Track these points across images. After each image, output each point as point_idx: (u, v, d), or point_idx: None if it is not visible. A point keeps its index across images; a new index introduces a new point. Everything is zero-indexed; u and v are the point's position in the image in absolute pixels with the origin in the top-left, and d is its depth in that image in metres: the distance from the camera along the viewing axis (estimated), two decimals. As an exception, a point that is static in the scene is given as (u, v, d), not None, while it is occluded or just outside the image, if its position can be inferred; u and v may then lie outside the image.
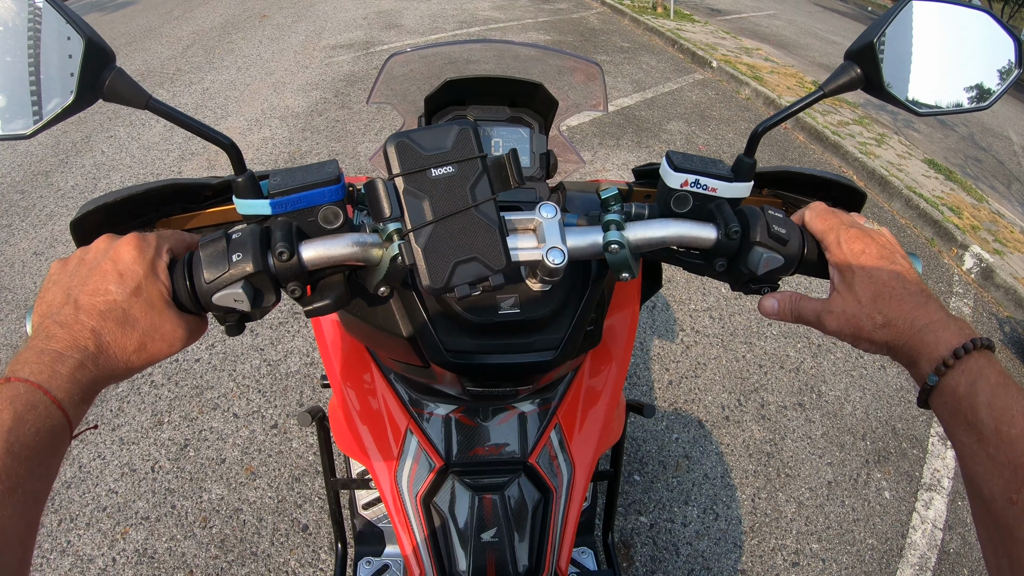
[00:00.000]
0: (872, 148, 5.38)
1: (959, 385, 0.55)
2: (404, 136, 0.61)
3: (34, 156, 4.48)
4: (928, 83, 0.74)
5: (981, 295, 3.88)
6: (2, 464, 0.42)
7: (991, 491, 0.50)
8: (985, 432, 0.51)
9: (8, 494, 0.42)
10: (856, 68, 0.72)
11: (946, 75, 0.75)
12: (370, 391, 1.08)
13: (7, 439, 0.43)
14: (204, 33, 7.66)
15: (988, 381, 0.53)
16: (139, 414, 2.48)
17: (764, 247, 0.70)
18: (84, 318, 0.54)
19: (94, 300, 0.55)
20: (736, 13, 11.77)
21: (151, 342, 0.57)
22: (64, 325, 0.53)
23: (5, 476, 0.42)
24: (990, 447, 0.51)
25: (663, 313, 3.26)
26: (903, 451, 2.69)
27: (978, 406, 0.52)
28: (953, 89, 0.76)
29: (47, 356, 0.50)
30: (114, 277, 0.57)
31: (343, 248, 0.63)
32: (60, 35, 0.57)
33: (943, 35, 0.74)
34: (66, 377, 0.50)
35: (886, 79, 0.71)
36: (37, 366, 0.49)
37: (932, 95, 0.75)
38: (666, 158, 0.74)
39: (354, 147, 4.67)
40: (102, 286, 0.56)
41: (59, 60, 0.57)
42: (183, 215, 0.84)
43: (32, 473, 0.44)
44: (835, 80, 0.72)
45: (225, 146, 0.64)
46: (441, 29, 8.17)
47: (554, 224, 0.70)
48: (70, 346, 0.51)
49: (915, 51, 0.73)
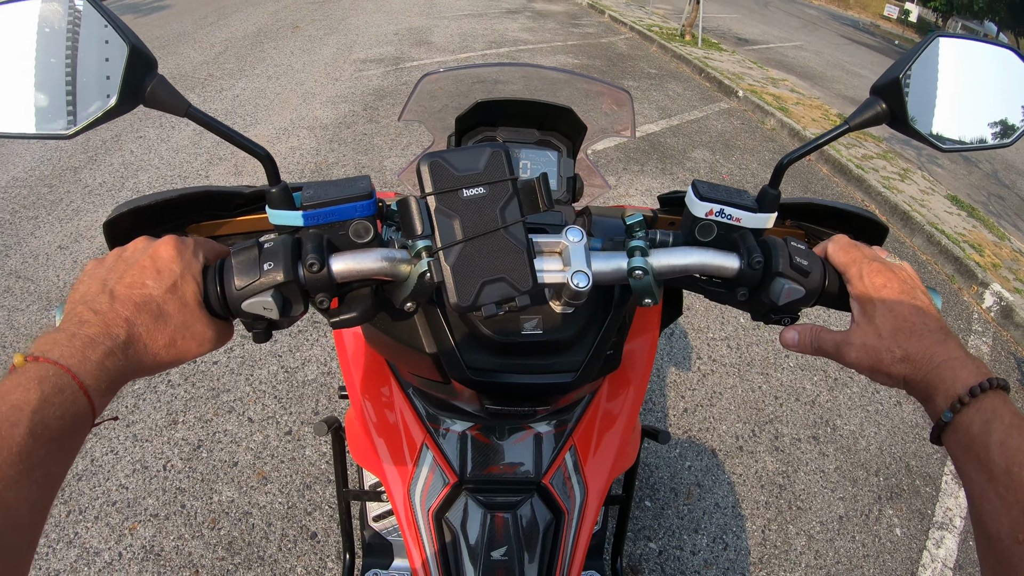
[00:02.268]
0: (895, 183, 5.36)
1: (973, 423, 0.55)
2: (438, 156, 0.62)
3: (64, 151, 4.57)
4: (952, 119, 0.75)
5: (1000, 334, 3.84)
6: (24, 444, 0.42)
7: (998, 529, 0.50)
8: (996, 471, 0.52)
9: (25, 474, 0.42)
10: (882, 103, 0.72)
11: (970, 111, 0.75)
12: (388, 404, 1.08)
13: (31, 419, 0.43)
14: (237, 40, 7.80)
15: (1002, 421, 0.54)
16: (154, 412, 2.50)
17: (786, 278, 0.70)
18: (119, 307, 0.54)
19: (130, 292, 0.56)
20: (764, 43, 11.82)
21: (181, 340, 0.58)
22: (98, 312, 0.53)
23: (25, 456, 0.42)
24: (999, 486, 0.51)
25: (681, 340, 3.25)
26: (916, 488, 2.65)
27: (990, 445, 0.53)
28: (977, 125, 0.76)
29: (78, 341, 0.50)
30: (152, 273, 0.58)
31: (372, 263, 0.64)
32: (103, 40, 0.58)
33: (969, 72, 0.75)
34: (95, 364, 0.50)
35: (911, 114, 0.72)
36: (68, 349, 0.49)
37: (956, 131, 0.75)
38: (692, 187, 0.75)
39: (380, 161, 4.72)
40: (139, 279, 0.57)
41: (101, 64, 0.58)
42: (213, 221, 0.86)
43: (51, 456, 0.44)
44: (861, 114, 0.73)
45: (260, 156, 0.65)
46: (470, 48, 8.26)
47: (580, 248, 0.70)
48: (102, 333, 0.52)
49: (940, 87, 0.74)
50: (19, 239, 3.57)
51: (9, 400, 0.43)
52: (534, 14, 11.43)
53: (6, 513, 0.39)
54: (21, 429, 0.42)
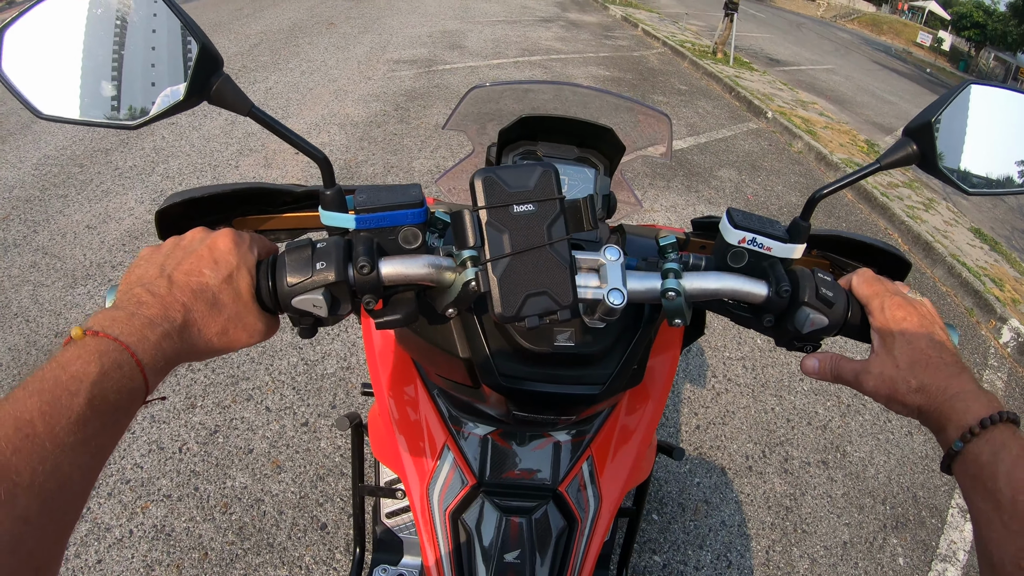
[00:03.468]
0: (919, 212, 5.33)
1: (982, 453, 0.57)
2: (491, 172, 0.65)
3: (96, 134, 4.64)
4: (980, 164, 0.77)
5: (1016, 369, 3.82)
6: (82, 414, 0.44)
7: (1001, 557, 0.52)
8: (1002, 500, 0.53)
9: (82, 444, 0.44)
10: (913, 145, 0.74)
11: (999, 157, 0.78)
12: (412, 403, 1.11)
13: (91, 391, 0.45)
14: (271, 34, 7.90)
15: (1010, 452, 0.55)
16: (173, 395, 2.55)
17: (811, 308, 0.72)
18: (177, 292, 0.57)
19: (188, 279, 0.58)
20: (795, 65, 11.78)
21: (233, 329, 0.61)
22: (156, 295, 0.56)
23: (83, 426, 0.44)
24: (1005, 515, 0.53)
25: (697, 358, 3.27)
26: (922, 519, 2.65)
27: (998, 475, 0.55)
28: (1004, 171, 0.78)
29: (138, 320, 0.52)
30: (209, 262, 0.60)
31: (420, 268, 0.67)
32: (176, 37, 0.61)
33: (999, 118, 0.77)
34: (153, 344, 0.52)
35: (940, 157, 0.74)
36: (127, 328, 0.51)
37: (983, 175, 0.77)
38: (727, 215, 0.77)
39: (409, 162, 4.77)
40: (197, 268, 0.60)
41: (173, 60, 0.61)
42: (259, 216, 0.90)
43: (105, 428, 0.46)
44: (892, 155, 0.75)
45: (318, 159, 0.68)
46: (503, 55, 8.31)
47: (617, 267, 0.73)
48: (161, 315, 0.54)
49: (970, 132, 0.76)
50: (48, 216, 3.64)
51: (70, 370, 0.45)
52: (567, 24, 11.49)
53: (61, 479, 0.41)
54: (80, 399, 0.44)
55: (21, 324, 2.82)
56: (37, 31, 0.60)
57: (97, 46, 0.60)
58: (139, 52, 0.61)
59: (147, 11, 0.61)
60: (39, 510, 0.39)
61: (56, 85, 0.60)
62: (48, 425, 0.41)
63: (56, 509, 0.41)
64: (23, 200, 3.79)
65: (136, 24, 0.61)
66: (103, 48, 0.61)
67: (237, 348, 0.63)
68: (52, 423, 0.42)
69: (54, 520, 0.41)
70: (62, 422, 0.42)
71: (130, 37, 0.61)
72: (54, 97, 0.61)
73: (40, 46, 0.60)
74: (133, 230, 3.59)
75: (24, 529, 0.37)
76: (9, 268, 3.20)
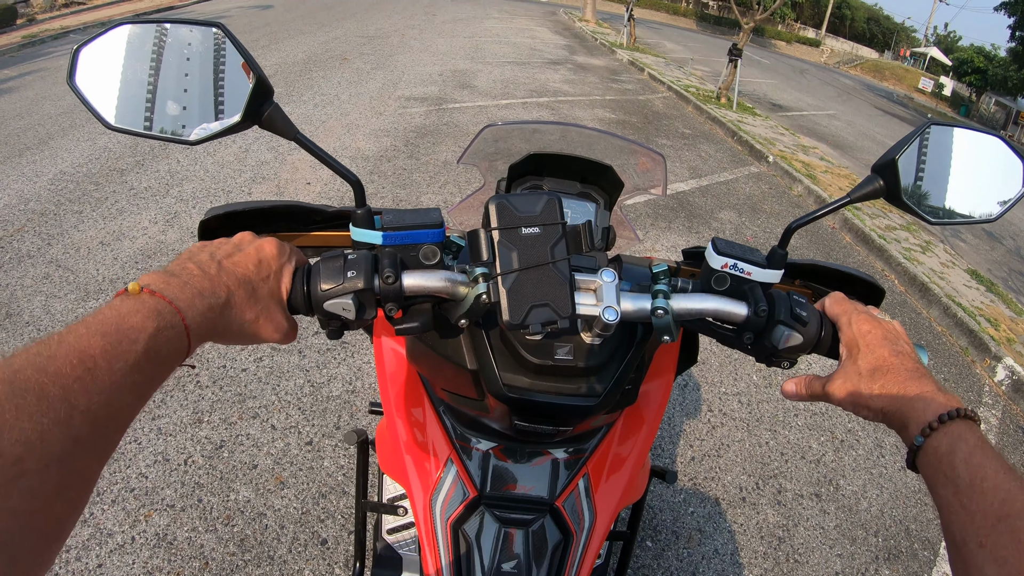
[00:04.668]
0: (916, 254, 5.42)
1: (941, 445, 0.62)
2: (503, 198, 0.75)
3: (112, 153, 4.78)
4: (942, 196, 0.85)
5: (1010, 408, 3.87)
6: (137, 361, 0.51)
7: (963, 536, 0.56)
8: (961, 485, 0.58)
9: (133, 386, 0.50)
10: (879, 180, 0.84)
11: (959, 190, 0.86)
12: (419, 419, 1.17)
13: (147, 344, 0.52)
14: (287, 66, 8.13)
15: (967, 443, 0.61)
16: (181, 409, 2.62)
17: (786, 326, 0.81)
18: (224, 276, 0.64)
19: (235, 268, 0.66)
20: (797, 110, 11.99)
21: (264, 320, 0.69)
22: (207, 274, 0.63)
23: (137, 371, 0.50)
24: (964, 497, 0.57)
25: (694, 393, 3.33)
26: (914, 552, 2.67)
27: (956, 462, 0.59)
28: (965, 202, 0.86)
29: (190, 290, 0.59)
30: (254, 260, 0.69)
31: (437, 281, 0.76)
32: (236, 67, 0.71)
33: (958, 155, 0.85)
34: (200, 312, 0.59)
35: (904, 191, 0.82)
36: (181, 293, 0.58)
37: (945, 207, 0.85)
38: (712, 243, 0.87)
39: (418, 196, 4.89)
40: (243, 262, 0.68)
41: (233, 87, 0.71)
42: (289, 232, 0.99)
43: (152, 378, 0.53)
44: (861, 189, 0.85)
45: (352, 181, 0.79)
46: (512, 95, 8.49)
47: (611, 287, 0.81)
48: (209, 290, 0.61)
49: (931, 168, 0.84)
50: (62, 230, 3.75)
51: (131, 321, 0.53)
52: (575, 67, 11.75)
53: (111, 411, 0.48)
54: (139, 347, 0.51)
55: (33, 333, 2.91)
56: (110, 52, 0.70)
57: (160, 69, 0.70)
58: (205, 79, 0.71)
59: (217, 44, 0.71)
60: (89, 433, 0.45)
61: (123, 100, 0.70)
62: (109, 363, 0.49)
63: (102, 436, 0.47)
64: (38, 213, 3.91)
65: (202, 54, 0.71)
66: (173, 73, 0.71)
67: (262, 340, 0.70)
68: (112, 363, 0.49)
69: (99, 444, 0.47)
70: (120, 364, 0.49)
71: (198, 65, 0.71)
72: (123, 111, 0.70)
73: (112, 65, 0.70)
74: (146, 249, 3.69)
75: (75, 447, 0.44)
76: (23, 278, 3.31)
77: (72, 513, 0.45)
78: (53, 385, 0.44)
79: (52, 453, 0.42)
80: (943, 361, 4.22)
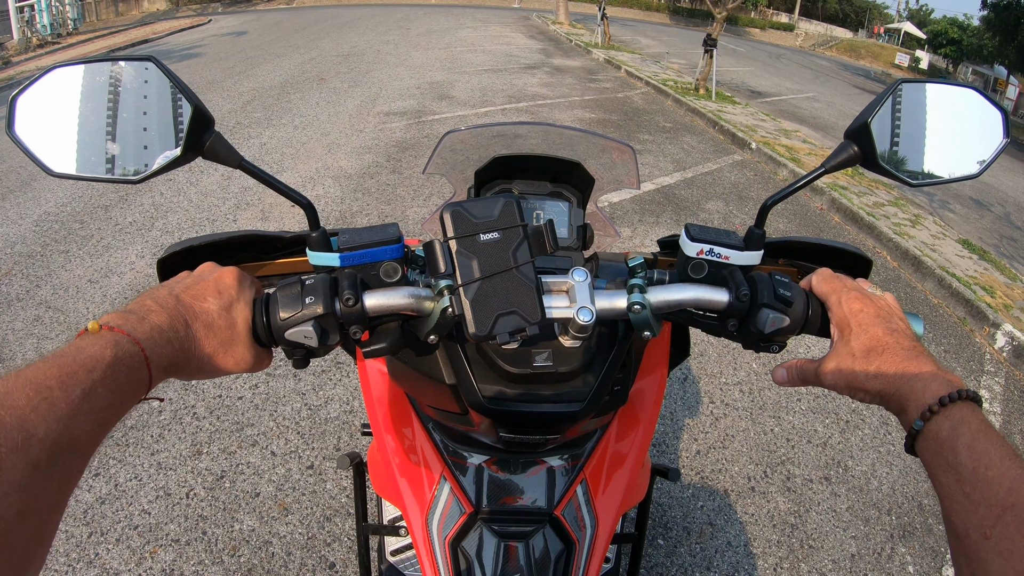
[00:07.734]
0: (906, 228, 5.42)
1: (942, 430, 0.58)
2: (458, 206, 0.72)
3: (95, 190, 4.76)
4: (920, 156, 0.82)
5: (1013, 373, 3.86)
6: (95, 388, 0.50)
7: (966, 527, 0.53)
8: (964, 472, 0.55)
9: (91, 413, 0.50)
10: (854, 146, 0.80)
11: (937, 148, 0.82)
12: (409, 438, 1.14)
13: (104, 371, 0.52)
14: (264, 90, 8.11)
15: (969, 427, 0.57)
16: (179, 442, 2.59)
17: (771, 308, 0.77)
18: (182, 309, 0.63)
19: (193, 301, 0.65)
20: (776, 95, 12.03)
21: (222, 354, 0.67)
22: (164, 308, 0.62)
23: (94, 398, 0.50)
24: (967, 486, 0.54)
25: (694, 385, 3.31)
26: (929, 527, 2.65)
27: (958, 449, 0.56)
28: (945, 160, 0.82)
29: (147, 324, 0.59)
30: (213, 292, 0.67)
31: (400, 299, 0.73)
32: (170, 100, 0.68)
33: (933, 111, 0.82)
34: (159, 344, 0.59)
35: (881, 155, 0.79)
36: (139, 327, 0.58)
37: (925, 167, 0.82)
38: (685, 229, 0.83)
39: (403, 211, 4.87)
40: (202, 294, 0.67)
41: (168, 120, 0.68)
42: (254, 263, 0.96)
43: (112, 405, 0.52)
44: (835, 158, 0.81)
45: (303, 205, 0.75)
46: (490, 103, 8.49)
47: (584, 286, 0.79)
48: (167, 324, 0.60)
49: (907, 128, 0.81)
50: (50, 271, 3.73)
51: (87, 352, 0.52)
52: (552, 69, 11.77)
53: (70, 438, 0.48)
54: (96, 375, 0.51)
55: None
56: (45, 97, 0.68)
57: (96, 110, 0.68)
58: (141, 115, 0.68)
59: (145, 78, 0.68)
60: (48, 461, 0.45)
61: (63, 145, 0.68)
62: (64, 391, 0.48)
63: (62, 463, 0.47)
64: (25, 255, 3.88)
65: (136, 91, 0.68)
66: (100, 112, 0.68)
67: (224, 374, 0.69)
68: (68, 390, 0.48)
69: (60, 472, 0.46)
70: (77, 391, 0.49)
71: (130, 101, 0.68)
72: (62, 156, 0.68)
73: (48, 110, 0.67)
74: (135, 283, 3.67)
75: (34, 475, 0.43)
76: (13, 322, 3.28)
77: (38, 541, 0.45)
78: (9, 416, 0.44)
79: (11, 481, 0.42)
80: (942, 333, 4.21)
